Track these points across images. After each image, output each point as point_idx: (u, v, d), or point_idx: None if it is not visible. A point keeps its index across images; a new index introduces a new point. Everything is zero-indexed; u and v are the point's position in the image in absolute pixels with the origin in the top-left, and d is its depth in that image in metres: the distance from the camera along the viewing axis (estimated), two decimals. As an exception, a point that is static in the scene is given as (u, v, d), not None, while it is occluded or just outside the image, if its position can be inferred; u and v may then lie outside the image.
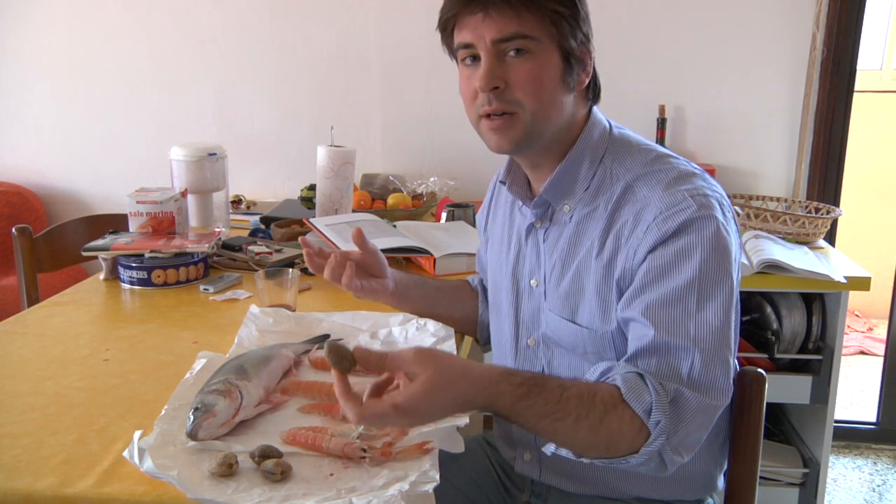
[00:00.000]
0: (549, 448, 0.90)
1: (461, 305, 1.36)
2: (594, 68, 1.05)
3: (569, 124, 1.04)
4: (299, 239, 1.26)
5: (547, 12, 0.96)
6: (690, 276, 0.91)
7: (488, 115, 1.00)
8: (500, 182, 1.17)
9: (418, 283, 1.32)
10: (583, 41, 1.00)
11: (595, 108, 1.08)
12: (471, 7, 0.97)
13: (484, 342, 1.34)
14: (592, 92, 1.07)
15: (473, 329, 1.36)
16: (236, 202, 2.45)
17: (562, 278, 1.06)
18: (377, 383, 0.84)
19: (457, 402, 0.81)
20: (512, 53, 0.97)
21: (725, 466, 1.13)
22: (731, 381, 0.93)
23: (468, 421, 0.87)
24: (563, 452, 0.89)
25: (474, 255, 1.45)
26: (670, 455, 0.88)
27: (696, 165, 1.04)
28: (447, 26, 1.02)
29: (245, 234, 2.04)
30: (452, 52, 1.04)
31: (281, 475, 0.83)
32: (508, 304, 1.17)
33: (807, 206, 2.24)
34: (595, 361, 1.03)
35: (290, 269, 1.39)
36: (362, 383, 1.05)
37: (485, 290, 1.35)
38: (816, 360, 1.95)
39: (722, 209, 0.96)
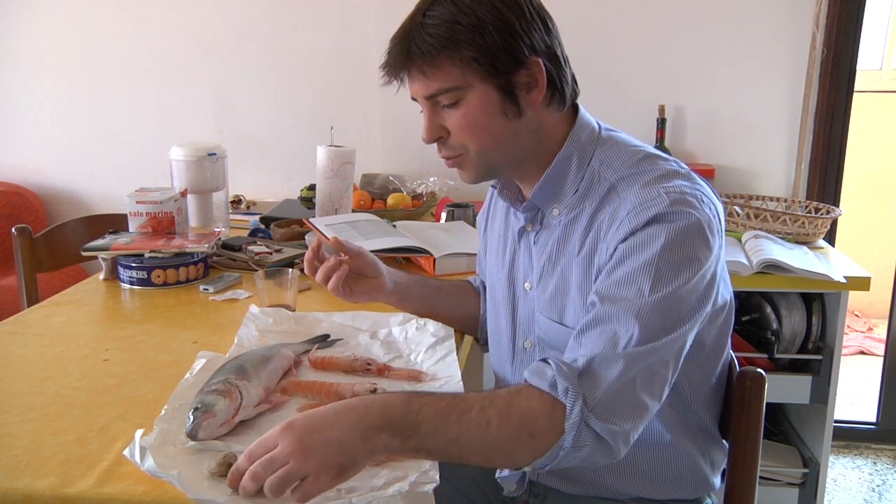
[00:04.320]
0: (501, 473, 0.92)
1: (463, 304, 1.36)
2: (554, 74, 1.00)
3: (537, 139, 1.03)
4: (310, 241, 1.25)
5: (461, 60, 0.95)
6: (647, 259, 0.90)
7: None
8: (492, 187, 1.18)
9: (419, 282, 1.32)
10: (518, 63, 0.96)
11: (583, 110, 1.07)
12: (393, 74, 1.01)
13: (484, 342, 1.34)
14: (561, 96, 1.02)
15: (474, 328, 1.36)
16: (236, 202, 2.45)
17: (549, 280, 1.06)
18: None
19: (345, 420, 0.79)
20: (445, 104, 0.99)
21: (723, 465, 1.13)
22: (675, 339, 0.89)
23: (437, 482, 0.83)
24: (507, 473, 0.91)
25: (474, 255, 1.45)
26: (601, 424, 0.85)
27: (684, 165, 1.03)
28: None
29: (245, 234, 2.04)
30: None
31: (281, 475, 0.83)
32: (505, 306, 1.17)
33: (807, 206, 2.24)
34: None
35: (290, 269, 1.39)
36: (362, 384, 1.06)
37: (486, 290, 1.35)
38: (816, 360, 1.95)
39: (701, 206, 0.94)
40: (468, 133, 1.00)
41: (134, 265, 1.60)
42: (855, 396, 3.03)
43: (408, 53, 0.97)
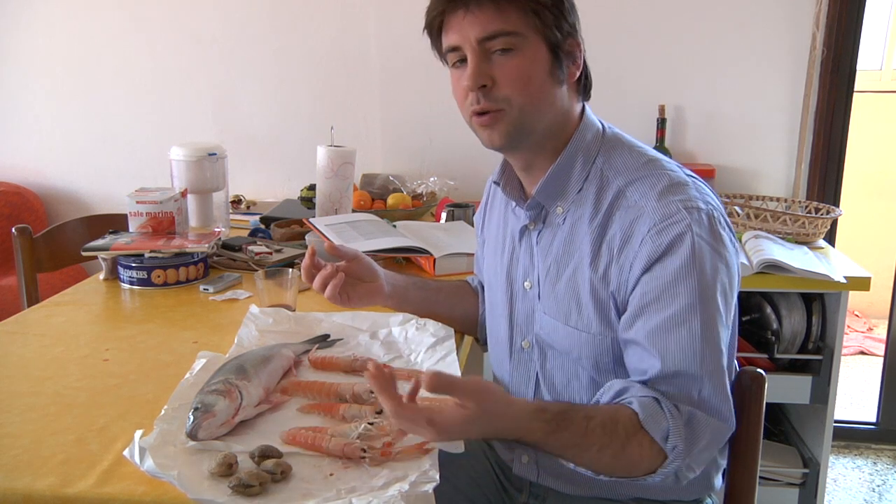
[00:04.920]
0: (571, 465, 0.93)
1: (462, 305, 1.36)
2: (585, 63, 1.05)
3: (562, 120, 1.05)
4: (309, 245, 1.25)
5: (529, 3, 0.97)
6: (691, 299, 0.92)
7: (478, 113, 1.02)
8: (494, 183, 1.17)
9: (418, 285, 1.32)
10: (569, 32, 1.01)
11: (588, 109, 1.08)
12: (454, 5, 0.99)
13: (484, 341, 1.34)
14: (584, 87, 1.07)
15: (474, 328, 1.36)
16: (236, 202, 2.45)
17: (557, 282, 1.06)
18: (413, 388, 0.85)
19: (486, 434, 0.85)
20: (498, 51, 0.98)
21: (724, 466, 1.13)
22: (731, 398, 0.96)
23: (462, 449, 0.87)
24: (582, 470, 0.93)
25: (474, 255, 1.45)
26: (684, 472, 0.93)
27: (688, 171, 1.04)
28: (433, 27, 1.04)
29: (245, 234, 2.04)
30: (442, 56, 1.06)
31: (281, 475, 0.83)
32: (503, 305, 1.17)
33: (807, 206, 2.24)
34: (589, 366, 1.04)
35: (290, 269, 1.39)
36: (362, 384, 1.05)
37: (484, 289, 1.35)
38: (816, 360, 1.95)
39: (716, 220, 0.96)
40: (518, 84, 0.99)
41: (134, 265, 1.60)
42: (855, 396, 3.03)
43: None
